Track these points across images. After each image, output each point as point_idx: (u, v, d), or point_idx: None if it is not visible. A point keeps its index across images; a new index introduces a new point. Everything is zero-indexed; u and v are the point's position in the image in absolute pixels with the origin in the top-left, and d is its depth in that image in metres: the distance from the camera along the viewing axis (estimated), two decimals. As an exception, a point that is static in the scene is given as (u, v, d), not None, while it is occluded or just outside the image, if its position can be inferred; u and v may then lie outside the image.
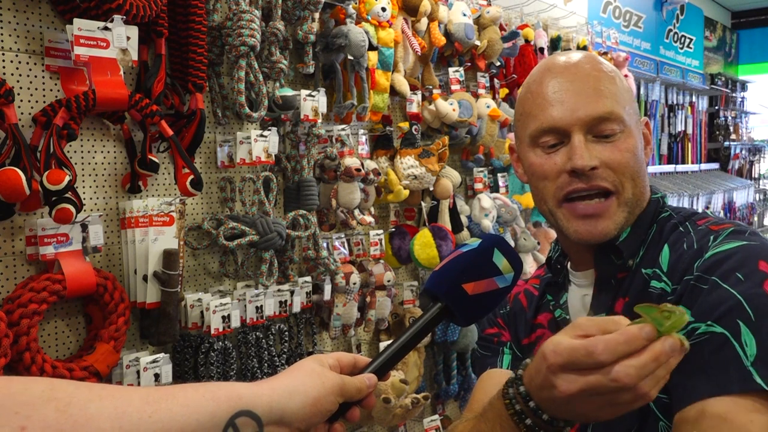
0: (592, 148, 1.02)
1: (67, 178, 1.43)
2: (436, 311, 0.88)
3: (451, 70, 2.90)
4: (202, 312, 1.85)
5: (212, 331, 1.83)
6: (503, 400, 0.92)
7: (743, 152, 7.49)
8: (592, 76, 1.04)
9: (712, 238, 0.98)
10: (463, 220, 2.88)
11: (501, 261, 0.87)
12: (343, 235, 2.40)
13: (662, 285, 0.99)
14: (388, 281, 2.43)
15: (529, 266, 3.07)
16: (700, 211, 5.88)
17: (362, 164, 2.29)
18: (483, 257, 0.88)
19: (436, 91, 2.76)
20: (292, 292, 2.11)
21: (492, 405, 0.94)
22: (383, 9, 2.42)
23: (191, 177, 1.70)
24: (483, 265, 0.87)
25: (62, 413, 0.63)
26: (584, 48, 3.80)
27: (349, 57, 2.28)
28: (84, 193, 1.67)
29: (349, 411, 0.83)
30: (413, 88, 2.67)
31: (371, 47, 2.30)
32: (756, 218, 7.45)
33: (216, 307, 1.83)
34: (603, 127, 1.02)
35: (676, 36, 6.07)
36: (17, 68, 1.54)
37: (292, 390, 0.76)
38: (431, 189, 2.72)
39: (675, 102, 5.97)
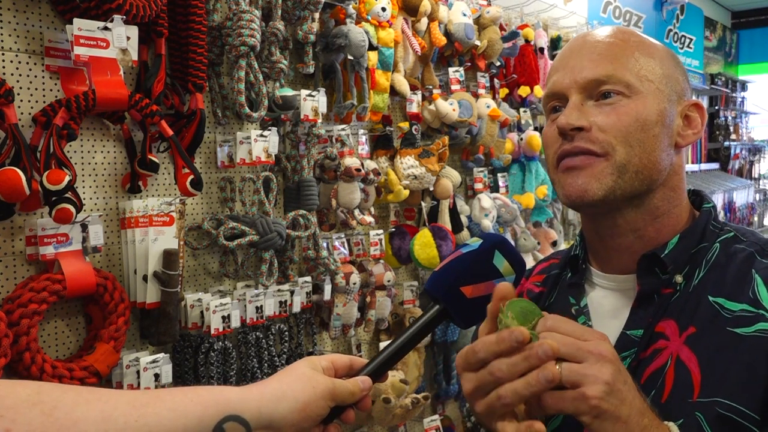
0: (587, 109, 0.97)
1: (67, 178, 1.43)
2: (434, 313, 0.86)
3: (451, 70, 2.90)
4: (202, 312, 1.85)
5: (212, 331, 1.83)
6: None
7: (743, 152, 7.50)
8: (603, 43, 0.99)
9: None
10: (463, 220, 2.88)
11: (502, 263, 0.85)
12: (343, 235, 2.40)
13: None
14: (388, 281, 2.43)
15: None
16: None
17: (362, 164, 2.29)
18: (483, 259, 0.85)
19: (436, 91, 2.76)
20: (292, 292, 2.11)
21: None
22: (383, 9, 2.42)
23: (191, 177, 1.70)
24: (482, 267, 0.85)
25: (48, 417, 0.63)
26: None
27: (349, 57, 2.28)
28: (84, 193, 1.67)
29: (343, 413, 0.82)
30: (413, 88, 2.67)
31: (371, 47, 2.30)
32: (756, 218, 7.46)
33: (216, 307, 1.84)
34: (601, 88, 0.96)
35: (676, 36, 6.07)
36: (17, 68, 1.54)
37: (281, 395, 0.76)
38: (431, 189, 2.72)
39: (675, 102, 5.96)
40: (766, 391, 0.86)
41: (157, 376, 1.69)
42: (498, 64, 3.22)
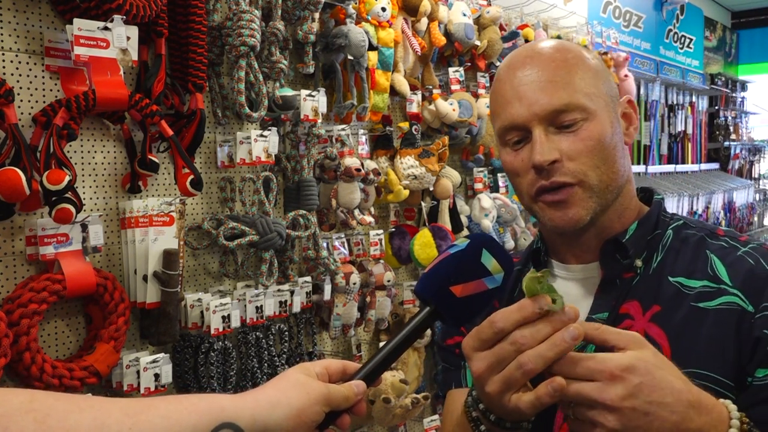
0: (554, 140, 1.01)
1: (67, 178, 1.43)
2: (425, 315, 0.86)
3: (451, 70, 2.90)
4: (202, 312, 1.85)
5: (212, 331, 1.83)
6: (464, 408, 0.95)
7: (743, 152, 7.49)
8: (549, 67, 1.03)
9: None
10: (463, 220, 2.88)
11: (490, 261, 0.85)
12: (343, 235, 2.40)
13: (734, 299, 0.97)
14: (388, 281, 2.43)
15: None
16: (700, 211, 5.77)
17: (362, 164, 2.29)
18: (471, 258, 0.85)
19: (436, 91, 2.76)
20: (292, 292, 2.11)
21: (459, 418, 0.96)
22: (383, 9, 2.42)
23: (191, 177, 1.70)
24: (471, 266, 0.85)
25: (41, 424, 0.63)
26: (584, 48, 3.80)
27: (349, 57, 2.28)
28: (84, 193, 1.67)
29: (338, 418, 0.82)
30: (413, 88, 2.67)
31: (371, 47, 2.30)
32: (756, 218, 7.45)
33: (216, 307, 1.83)
34: (562, 118, 1.01)
35: (676, 36, 6.07)
36: (17, 68, 1.54)
37: (276, 402, 0.75)
38: (431, 189, 2.72)
39: (675, 102, 5.97)
40: (736, 359, 0.94)
41: (157, 376, 1.69)
42: (498, 64, 3.22)
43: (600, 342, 0.80)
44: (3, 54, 1.52)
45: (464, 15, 2.83)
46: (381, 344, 2.47)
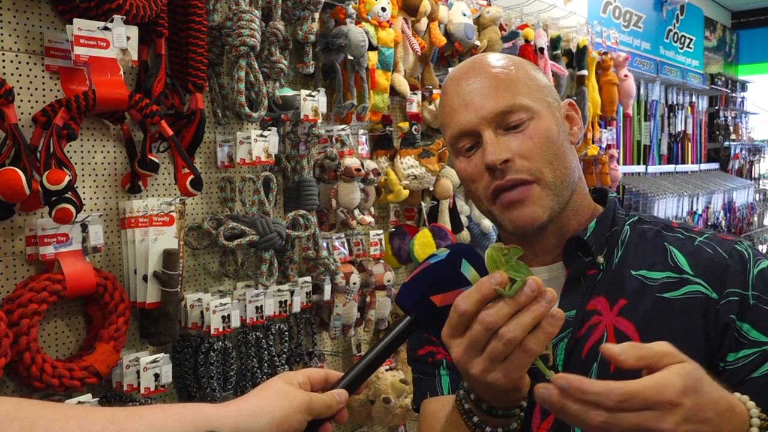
0: (503, 140, 1.04)
1: (67, 178, 1.43)
2: (405, 324, 0.88)
3: (450, 70, 2.90)
4: (202, 312, 1.85)
5: (212, 331, 1.83)
6: (455, 402, 0.95)
7: (743, 152, 7.49)
8: (490, 74, 1.07)
9: (740, 248, 1.02)
10: (463, 220, 2.88)
11: (469, 271, 0.86)
12: (343, 235, 2.40)
13: (698, 287, 1.00)
14: (388, 281, 2.43)
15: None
16: (699, 211, 5.76)
17: (362, 164, 2.29)
18: (451, 268, 0.86)
19: (436, 91, 2.76)
20: (292, 292, 2.11)
21: (449, 414, 0.97)
22: (383, 9, 2.42)
23: (191, 177, 1.70)
24: (451, 276, 0.86)
25: None
26: (584, 48, 3.81)
27: (349, 57, 2.28)
28: (84, 193, 1.67)
29: (321, 427, 0.82)
30: (413, 88, 2.67)
31: (371, 47, 2.30)
32: (756, 218, 7.45)
33: (216, 307, 1.84)
34: (509, 119, 1.04)
35: (676, 36, 6.07)
36: (17, 68, 1.54)
37: (258, 410, 0.76)
38: (431, 189, 2.72)
39: (675, 102, 5.97)
40: (705, 345, 0.97)
41: (157, 376, 1.69)
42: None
43: (636, 368, 0.76)
44: (3, 54, 1.52)
45: (464, 15, 2.83)
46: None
